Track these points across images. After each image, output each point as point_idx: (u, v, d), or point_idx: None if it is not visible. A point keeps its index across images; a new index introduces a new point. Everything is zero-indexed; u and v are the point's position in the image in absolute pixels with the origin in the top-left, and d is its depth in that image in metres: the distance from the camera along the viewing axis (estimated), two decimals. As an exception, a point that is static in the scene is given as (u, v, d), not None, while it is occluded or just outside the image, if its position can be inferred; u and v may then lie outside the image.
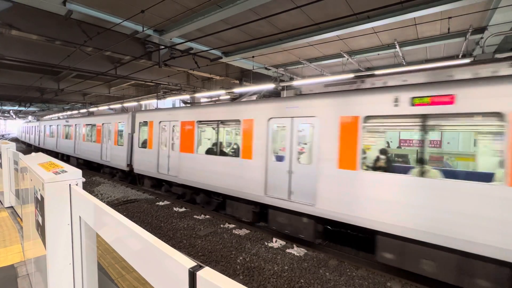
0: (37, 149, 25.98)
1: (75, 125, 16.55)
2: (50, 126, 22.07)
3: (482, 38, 7.86)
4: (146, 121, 10.39)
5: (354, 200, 4.94)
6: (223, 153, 7.92)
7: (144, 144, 10.57)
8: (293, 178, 5.95)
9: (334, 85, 6.06)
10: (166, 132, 9.43)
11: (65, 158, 18.47)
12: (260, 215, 6.98)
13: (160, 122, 9.67)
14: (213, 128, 8.55)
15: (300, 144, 6.17)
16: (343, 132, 5.17)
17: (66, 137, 18.15)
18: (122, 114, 12.09)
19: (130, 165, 11.29)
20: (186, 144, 8.52)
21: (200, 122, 8.24)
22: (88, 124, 14.93)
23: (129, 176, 12.21)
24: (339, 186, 5.14)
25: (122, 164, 11.64)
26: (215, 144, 8.06)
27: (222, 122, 7.78)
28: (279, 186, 6.15)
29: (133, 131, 11.25)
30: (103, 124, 13.31)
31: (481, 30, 7.72)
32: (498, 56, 5.44)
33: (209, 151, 8.15)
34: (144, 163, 10.37)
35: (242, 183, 6.83)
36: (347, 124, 5.14)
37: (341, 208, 5.12)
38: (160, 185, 10.31)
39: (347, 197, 5.03)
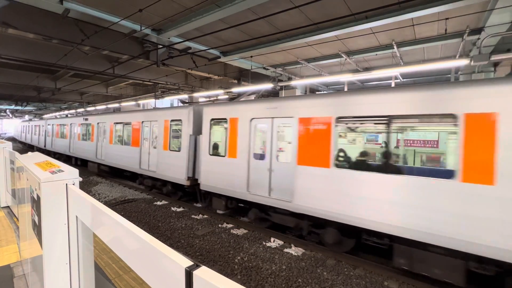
0: (43, 152, 23.32)
1: (98, 124, 13.84)
2: (60, 125, 18.88)
3: (479, 39, 7.91)
4: (224, 118, 7.51)
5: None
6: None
7: (218, 150, 7.96)
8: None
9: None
10: (266, 133, 6.62)
11: (80, 163, 16.24)
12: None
13: (253, 119, 6.83)
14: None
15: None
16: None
17: (84, 139, 15.28)
18: (177, 109, 9.16)
19: (192, 178, 8.49)
20: (312, 154, 5.64)
21: (341, 119, 5.40)
22: (119, 123, 12.16)
23: (186, 192, 9.46)
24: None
25: (178, 176, 8.64)
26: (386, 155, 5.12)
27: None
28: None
29: (198, 131, 8.59)
30: (142, 122, 10.55)
31: (478, 31, 7.77)
32: (494, 57, 5.48)
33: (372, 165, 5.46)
34: (220, 178, 7.45)
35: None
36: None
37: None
38: (241, 209, 7.83)
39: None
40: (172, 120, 9.16)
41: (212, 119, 7.90)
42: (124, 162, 11.45)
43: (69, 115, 23.50)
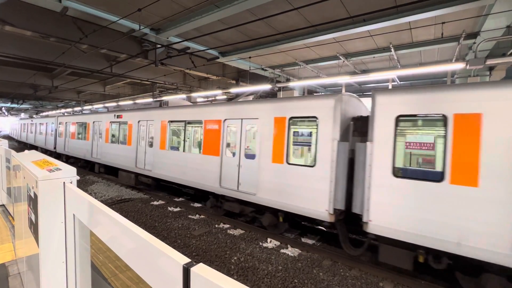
0: (54, 156, 16.93)
1: (139, 122, 10.54)
2: (78, 123, 15.40)
3: (474, 43, 8.02)
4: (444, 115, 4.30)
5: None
6: None
7: (408, 171, 5.30)
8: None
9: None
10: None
11: (103, 170, 13.26)
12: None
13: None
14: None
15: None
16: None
17: (114, 141, 12.17)
18: (304, 101, 6.01)
19: (339, 211, 5.38)
20: None
21: None
22: (177, 121, 9.03)
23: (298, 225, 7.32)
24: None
25: (309, 205, 5.63)
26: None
27: None
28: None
29: (344, 136, 5.52)
30: (225, 120, 7.36)
31: (473, 35, 7.88)
32: (489, 61, 5.55)
33: None
34: (434, 219, 4.26)
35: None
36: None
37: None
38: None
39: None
40: (294, 118, 6.04)
41: (402, 116, 4.66)
42: (191, 177, 8.19)
43: (90, 111, 19.81)
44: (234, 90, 11.82)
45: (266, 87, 10.58)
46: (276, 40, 9.00)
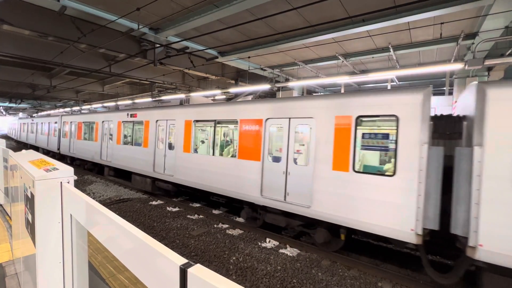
0: (57, 158, 16.29)
1: (158, 122, 9.50)
2: (85, 123, 14.15)
3: (473, 43, 8.05)
4: None
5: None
6: None
7: None
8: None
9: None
10: None
11: (118, 174, 12.15)
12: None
13: None
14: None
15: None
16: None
17: (126, 142, 10.97)
18: (380, 96, 4.93)
19: (430, 231, 4.54)
20: None
21: None
22: (204, 121, 8.05)
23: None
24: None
25: (392, 225, 4.59)
26: None
27: None
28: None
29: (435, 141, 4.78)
30: (266, 120, 6.41)
31: (472, 35, 7.90)
32: (487, 62, 5.57)
33: None
34: None
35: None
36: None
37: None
38: None
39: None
40: (363, 118, 5.09)
41: None
42: (223, 184, 7.20)
43: (97, 110, 18.31)
44: (233, 90, 11.81)
45: (265, 87, 10.57)
46: (275, 40, 8.99)
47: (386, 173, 4.80)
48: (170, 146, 9.07)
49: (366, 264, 5.33)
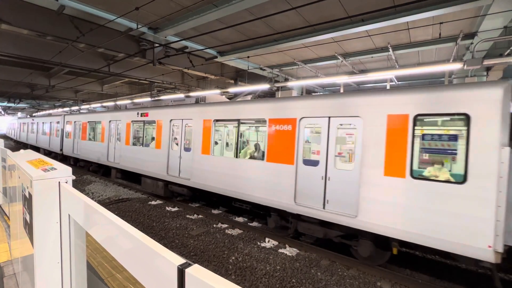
0: (59, 159, 16.00)
1: (172, 121, 9.03)
2: (90, 123, 13.50)
3: (472, 43, 8.06)
4: None
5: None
6: None
7: None
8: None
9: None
10: None
11: (126, 176, 11.61)
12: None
13: None
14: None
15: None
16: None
17: (144, 143, 10.23)
18: (448, 91, 4.35)
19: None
20: None
21: None
22: (233, 120, 7.43)
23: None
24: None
25: (463, 240, 4.06)
26: None
27: None
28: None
29: None
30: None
31: (471, 35, 7.91)
32: (486, 62, 5.58)
33: None
34: None
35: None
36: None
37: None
38: None
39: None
40: (423, 116, 4.52)
41: None
42: (248, 189, 6.64)
43: (103, 109, 17.62)
44: (232, 90, 11.80)
45: (264, 86, 10.57)
46: (274, 40, 8.99)
47: (455, 180, 4.16)
48: (187, 148, 8.54)
49: (365, 264, 5.33)
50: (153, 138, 10.10)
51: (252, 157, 7.26)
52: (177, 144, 8.93)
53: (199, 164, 7.94)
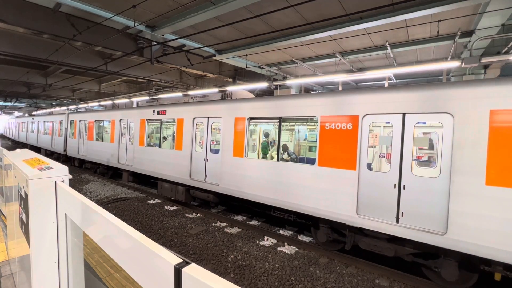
0: (61, 160, 16.12)
1: (196, 120, 8.15)
2: (98, 122, 12.88)
3: (470, 41, 8.07)
4: None
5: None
6: None
7: None
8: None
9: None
10: None
11: (139, 179, 11.15)
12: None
13: None
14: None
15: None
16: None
17: (161, 144, 9.61)
18: None
19: None
20: None
21: None
22: (274, 118, 6.47)
23: None
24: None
25: None
26: None
27: None
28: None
29: None
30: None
31: (469, 33, 7.92)
32: (484, 59, 5.59)
33: None
34: None
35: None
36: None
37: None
38: None
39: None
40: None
41: None
42: (294, 197, 5.81)
43: (117, 106, 15.93)
44: (231, 88, 11.77)
45: (263, 85, 10.54)
46: (272, 38, 8.96)
47: None
48: (214, 150, 7.68)
49: (363, 262, 5.35)
50: (168, 138, 9.42)
51: (294, 160, 6.42)
52: (201, 145, 8.12)
53: (231, 168, 7.00)
